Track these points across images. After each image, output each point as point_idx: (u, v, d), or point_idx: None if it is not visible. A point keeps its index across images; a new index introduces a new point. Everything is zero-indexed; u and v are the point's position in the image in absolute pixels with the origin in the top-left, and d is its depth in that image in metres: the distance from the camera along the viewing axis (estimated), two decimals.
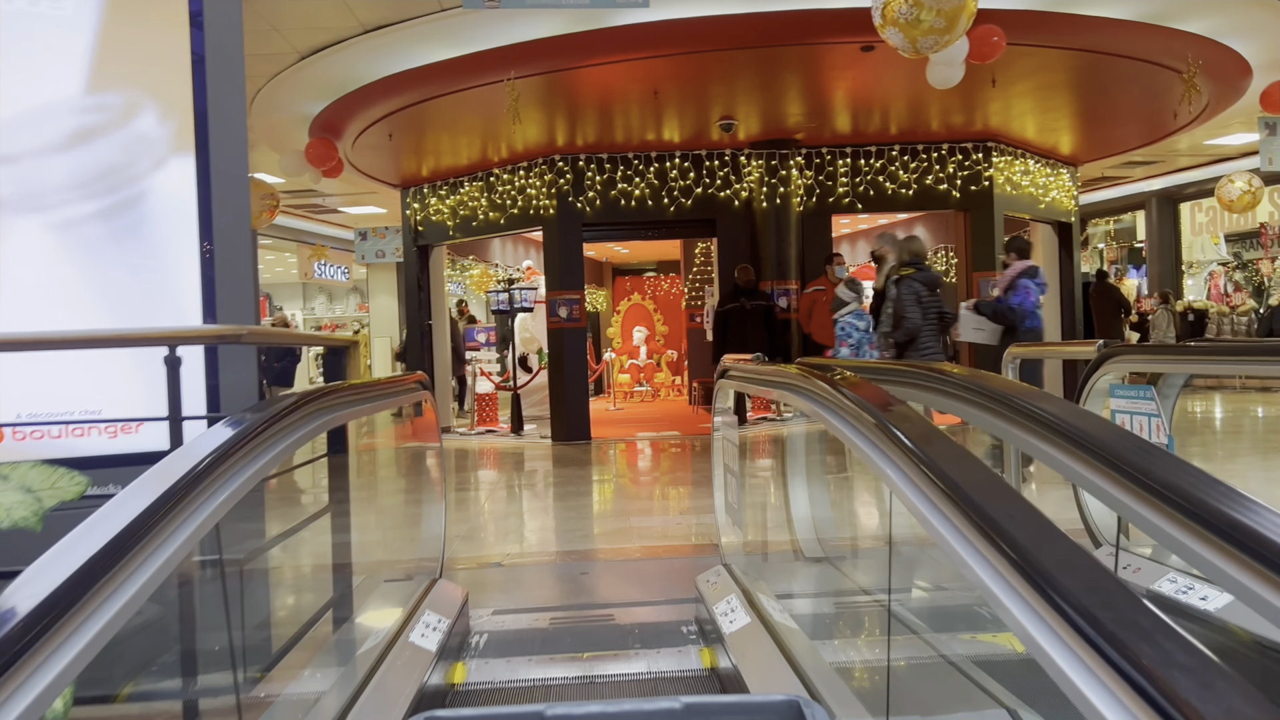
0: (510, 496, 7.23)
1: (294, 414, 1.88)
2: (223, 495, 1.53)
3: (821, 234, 10.65)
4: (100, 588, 1.16)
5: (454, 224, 11.70)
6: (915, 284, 6.26)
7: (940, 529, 1.37)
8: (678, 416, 13.26)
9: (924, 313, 6.24)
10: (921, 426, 1.70)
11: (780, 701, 1.09)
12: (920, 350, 6.28)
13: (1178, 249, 16.47)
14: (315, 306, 27.91)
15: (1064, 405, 1.83)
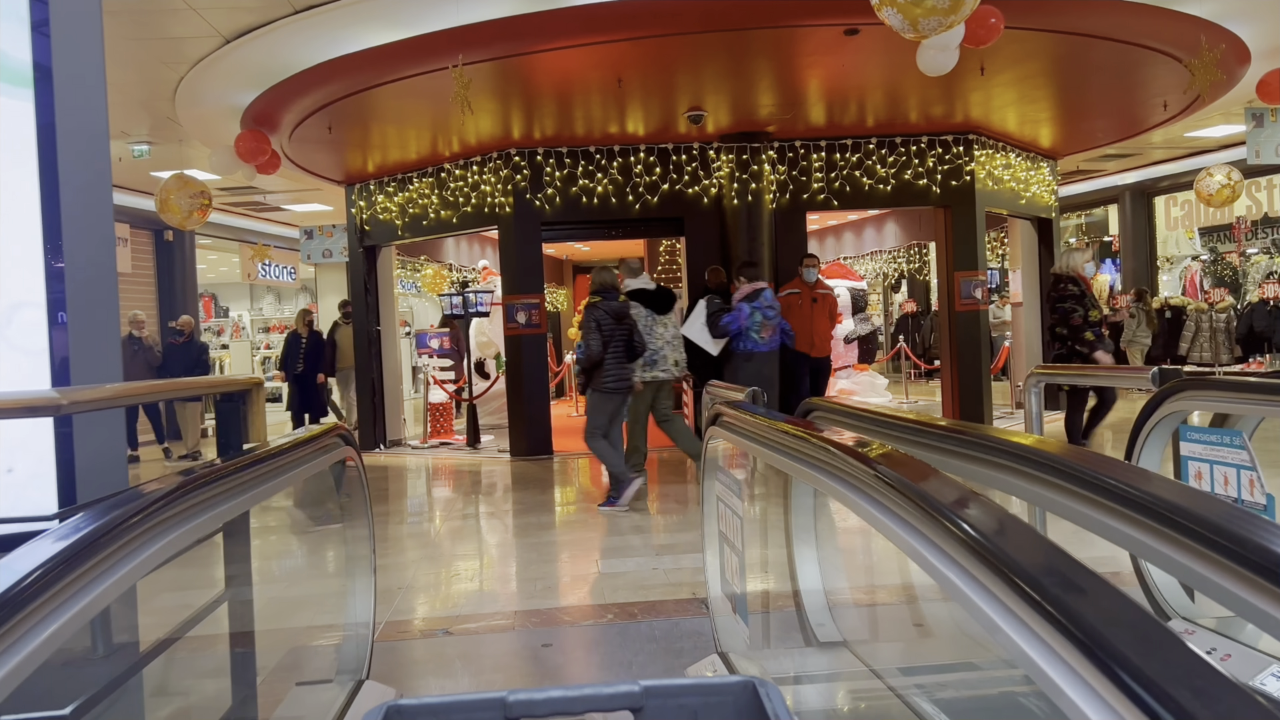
0: (463, 530, 6.52)
1: (78, 568, 1.18)
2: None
3: (795, 232, 10.03)
4: None
5: (403, 223, 10.92)
6: (599, 312, 6.47)
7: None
8: None
9: (607, 342, 6.42)
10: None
11: (736, 682, 1.12)
12: (607, 377, 6.48)
13: (1152, 244, 16.11)
14: (263, 307, 26.88)
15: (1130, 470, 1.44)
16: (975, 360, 10.19)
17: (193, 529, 1.64)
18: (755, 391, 3.21)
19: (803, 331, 9.07)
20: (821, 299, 9.12)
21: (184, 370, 10.61)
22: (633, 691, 1.11)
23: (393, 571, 5.10)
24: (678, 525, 6.08)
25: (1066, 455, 1.67)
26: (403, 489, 8.38)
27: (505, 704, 1.10)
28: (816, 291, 9.13)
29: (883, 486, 1.54)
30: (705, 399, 4.06)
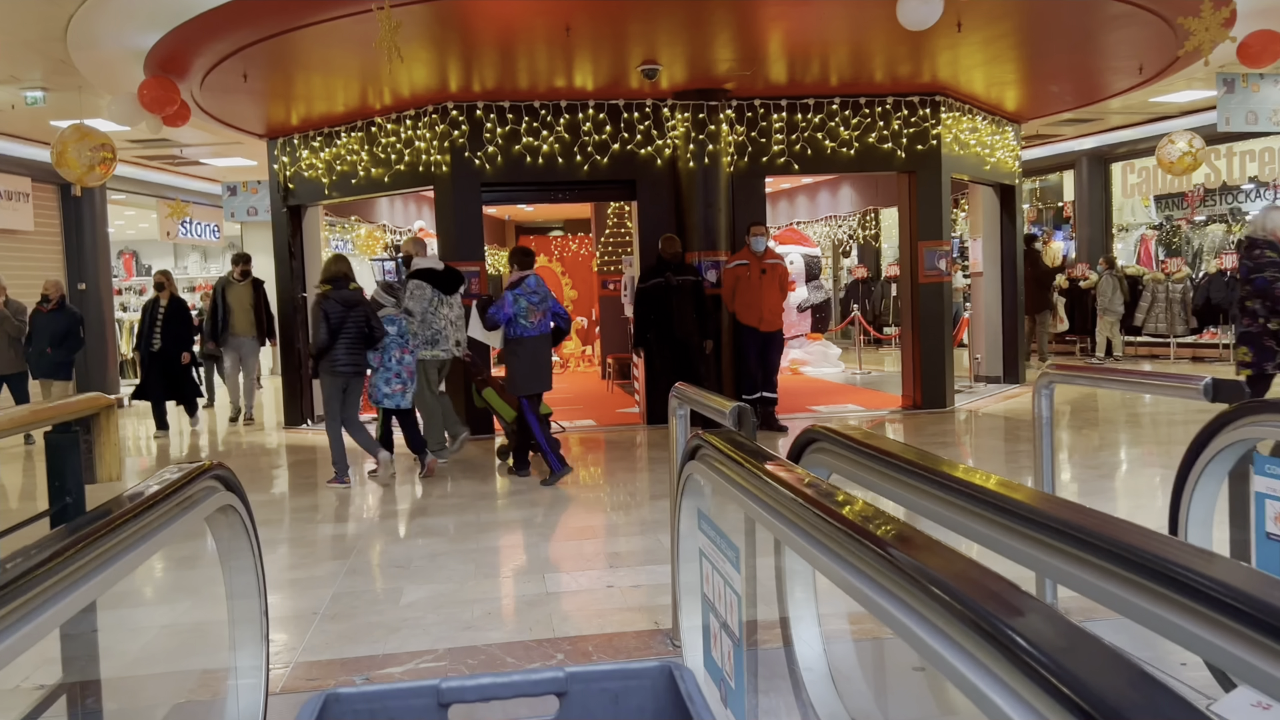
0: (386, 536, 5.88)
1: None
2: None
3: (754, 198, 9.43)
4: None
5: (330, 181, 10.08)
6: (328, 302, 6.72)
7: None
8: (592, 397, 11.99)
9: (335, 330, 6.65)
10: None
11: (654, 666, 1.21)
12: (335, 363, 6.70)
13: (1108, 211, 15.85)
14: (188, 265, 25.59)
15: None
16: (938, 335, 9.74)
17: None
18: (742, 410, 2.62)
19: (751, 305, 8.53)
20: (771, 270, 8.56)
21: (53, 342, 9.53)
22: (557, 677, 1.18)
23: (308, 589, 4.46)
24: (631, 526, 5.52)
25: (1132, 540, 1.24)
26: (327, 476, 7.69)
27: (439, 690, 1.17)
28: (765, 262, 8.57)
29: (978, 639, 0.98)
30: (674, 404, 3.46)
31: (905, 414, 9.59)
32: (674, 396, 3.46)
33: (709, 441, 2.29)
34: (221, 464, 2.21)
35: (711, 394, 3.05)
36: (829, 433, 2.43)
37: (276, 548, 5.31)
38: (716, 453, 2.21)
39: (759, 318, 8.51)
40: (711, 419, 3.07)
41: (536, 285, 6.75)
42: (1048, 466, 3.72)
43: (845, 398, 10.89)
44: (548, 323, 6.79)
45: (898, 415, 9.57)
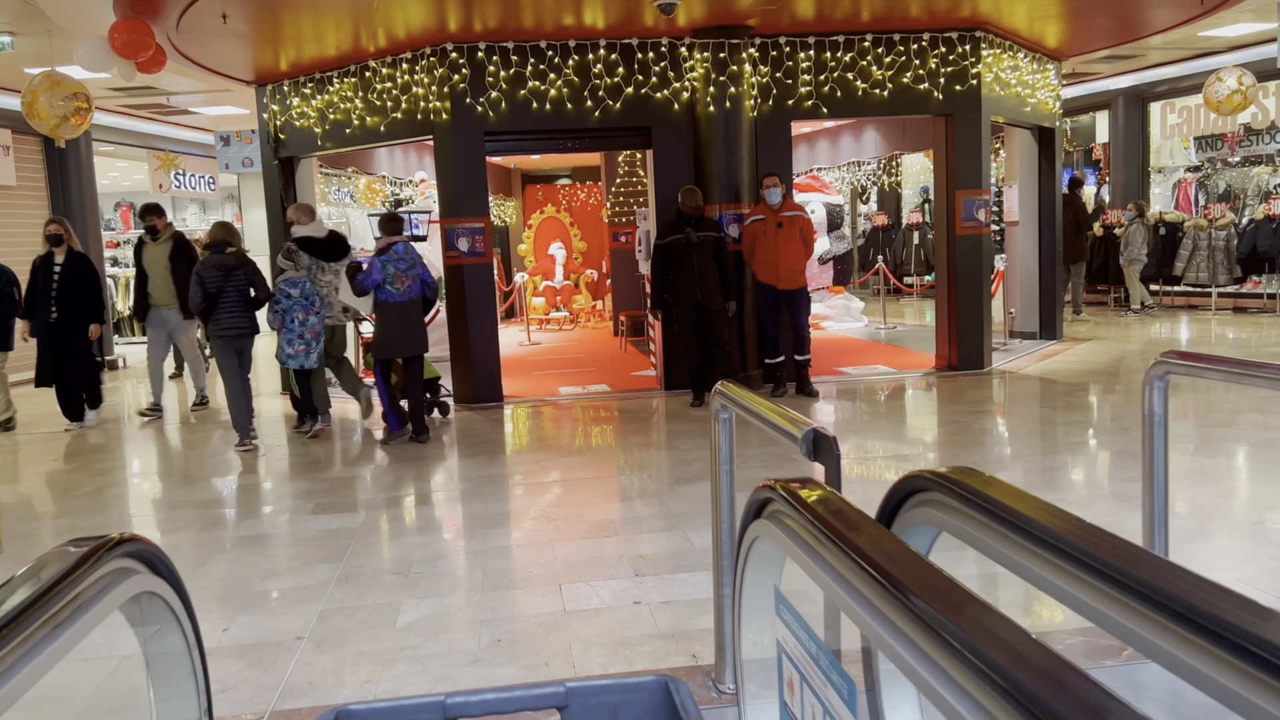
0: (387, 529, 5.36)
1: None
2: None
3: (779, 144, 8.73)
4: None
5: (322, 131, 9.40)
6: (205, 267, 6.98)
7: None
8: (604, 357, 11.41)
9: (214, 295, 6.89)
10: None
11: (650, 681, 1.30)
12: (220, 327, 6.96)
13: (1145, 154, 15.04)
14: (187, 218, 24.92)
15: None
16: (976, 291, 9.09)
17: None
18: (820, 438, 2.03)
19: (768, 261, 7.91)
20: (789, 223, 7.91)
21: None
22: (558, 691, 1.22)
23: (294, 604, 3.93)
24: (656, 520, 4.98)
25: None
26: (320, 456, 7.15)
27: (444, 706, 1.18)
28: (782, 215, 7.92)
29: None
30: (716, 405, 2.88)
31: (940, 376, 8.98)
32: (719, 396, 2.87)
33: (785, 497, 1.69)
34: (136, 537, 1.64)
35: (773, 405, 2.45)
36: (939, 481, 1.82)
37: (262, 547, 4.77)
38: (800, 518, 1.61)
39: (776, 275, 7.89)
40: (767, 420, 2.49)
41: (404, 252, 6.92)
42: (1160, 478, 3.12)
43: (874, 357, 10.28)
44: (416, 289, 6.95)
45: (932, 377, 8.97)
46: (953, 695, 1.00)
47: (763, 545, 1.81)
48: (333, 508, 5.42)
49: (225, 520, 5.31)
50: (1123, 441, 6.16)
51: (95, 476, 6.56)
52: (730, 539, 2.93)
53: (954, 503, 1.82)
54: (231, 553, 4.68)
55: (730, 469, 2.94)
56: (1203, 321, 12.40)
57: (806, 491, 1.70)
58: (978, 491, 1.74)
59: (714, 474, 2.96)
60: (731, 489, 2.95)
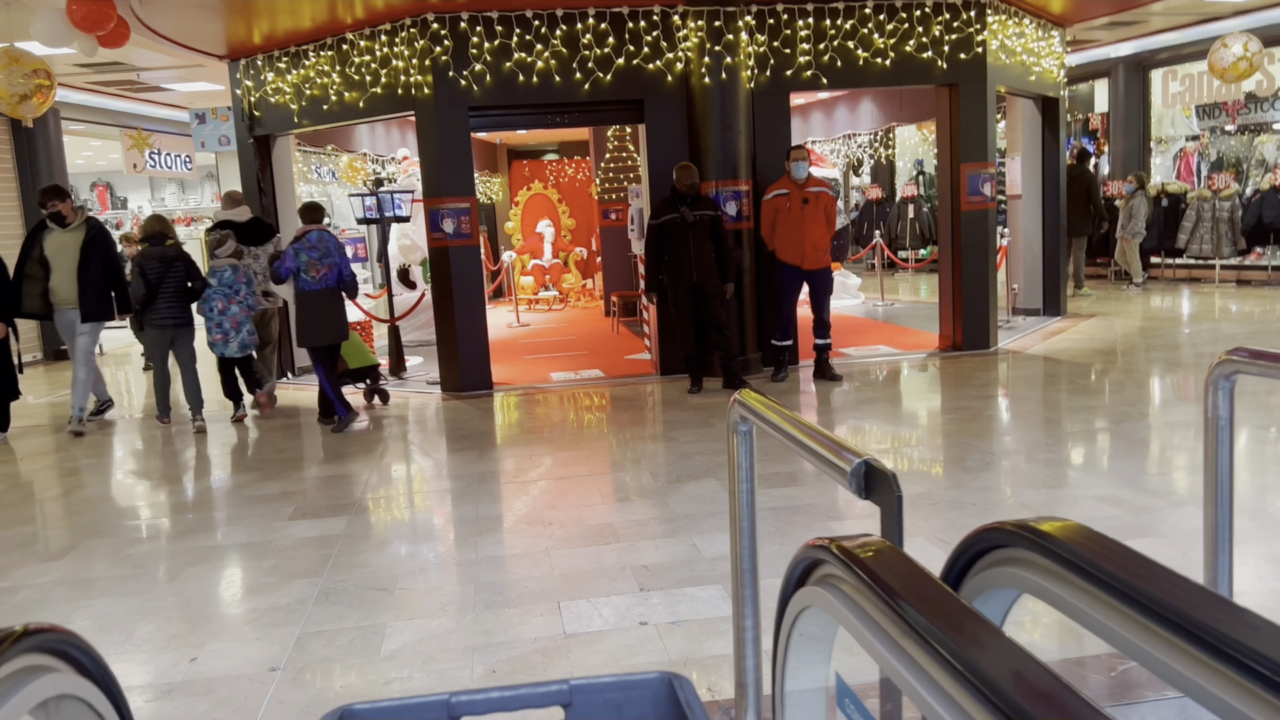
0: (366, 539, 5.05)
1: None
2: None
3: (778, 118, 8.36)
4: None
5: (299, 107, 8.98)
6: (146, 259, 7.22)
7: None
8: (596, 340, 11.07)
9: (155, 285, 7.15)
10: None
11: (654, 677, 1.27)
12: (157, 317, 7.22)
13: (1146, 123, 14.70)
14: (165, 198, 24.41)
15: None
16: (982, 269, 8.78)
17: None
18: (874, 473, 1.70)
19: (792, 240, 7.55)
20: (815, 199, 7.57)
21: None
22: (562, 689, 1.20)
23: (270, 628, 3.61)
24: (659, 524, 4.68)
25: None
26: (291, 452, 6.82)
27: (449, 704, 1.17)
28: (808, 190, 7.57)
29: None
30: (734, 417, 2.55)
31: (945, 357, 8.68)
32: (737, 406, 2.54)
33: (843, 561, 1.37)
34: (49, 627, 1.31)
35: (810, 425, 2.12)
36: (1023, 534, 1.50)
37: (236, 558, 4.45)
38: (861, 587, 1.29)
39: (801, 255, 7.54)
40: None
41: (318, 241, 6.92)
42: (1225, 491, 2.81)
43: (875, 336, 9.97)
44: (333, 277, 6.95)
45: (938, 359, 8.67)
46: None
47: (813, 619, 1.49)
48: (313, 512, 5.09)
49: (196, 528, 4.98)
50: (1142, 430, 5.88)
51: (60, 479, 6.21)
52: (750, 566, 2.61)
53: (1044, 562, 1.50)
54: (203, 566, 4.35)
55: (750, 488, 2.62)
56: (1206, 295, 12.13)
57: (871, 552, 1.38)
58: (1080, 554, 1.42)
59: (732, 493, 2.64)
60: (752, 511, 2.63)
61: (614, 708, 1.24)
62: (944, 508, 4.46)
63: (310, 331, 6.96)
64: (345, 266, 7.05)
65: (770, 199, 7.60)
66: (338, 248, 7.00)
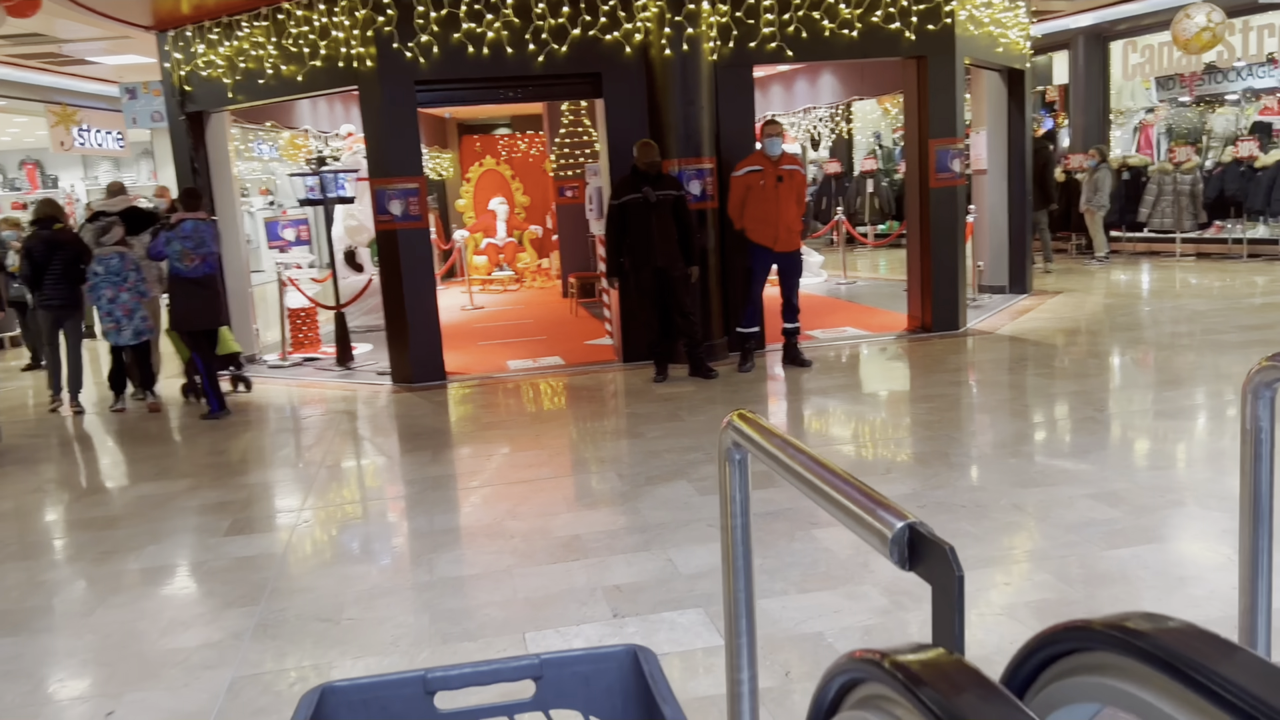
0: (310, 556, 4.66)
1: None
2: None
3: (741, 92, 8.00)
4: None
5: (234, 82, 8.43)
6: (33, 241, 7.42)
7: None
8: (554, 323, 10.68)
9: (40, 267, 7.31)
10: None
11: (620, 650, 1.31)
12: (45, 299, 7.41)
13: (1105, 96, 14.57)
14: (99, 176, 23.37)
15: None
16: (951, 247, 8.53)
17: None
18: (919, 539, 1.38)
19: (765, 220, 7.21)
20: (789, 177, 7.24)
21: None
22: (533, 663, 1.25)
23: (198, 670, 3.23)
24: (630, 534, 4.35)
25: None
26: (222, 453, 6.39)
27: (425, 680, 1.25)
28: (782, 168, 7.23)
29: None
30: (727, 440, 2.20)
31: (914, 339, 8.44)
32: (731, 430, 2.19)
33: (896, 677, 1.02)
34: None
35: (839, 479, 1.78)
36: (1105, 631, 1.17)
37: (165, 584, 4.03)
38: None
39: (774, 236, 7.20)
40: None
41: (191, 231, 6.94)
42: (1265, 506, 2.53)
43: (840, 317, 9.70)
44: (209, 265, 7.03)
45: (906, 340, 8.42)
46: None
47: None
48: (249, 526, 4.68)
49: (121, 547, 4.54)
50: (1126, 418, 5.66)
51: None
52: (746, 611, 2.28)
53: (1130, 662, 1.17)
54: (127, 594, 3.93)
55: (745, 524, 2.27)
56: (1168, 269, 12.05)
57: (936, 670, 1.04)
58: (1193, 661, 1.09)
59: (724, 529, 2.30)
60: (747, 550, 2.29)
61: (582, 679, 1.28)
62: (934, 511, 4.18)
63: (186, 317, 7.04)
64: (211, 262, 7.10)
65: (741, 175, 7.24)
66: (213, 237, 7.12)
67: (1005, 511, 4.14)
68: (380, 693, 1.24)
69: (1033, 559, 3.65)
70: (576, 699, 1.31)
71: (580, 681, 1.30)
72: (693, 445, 5.47)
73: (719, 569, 3.73)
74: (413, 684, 1.25)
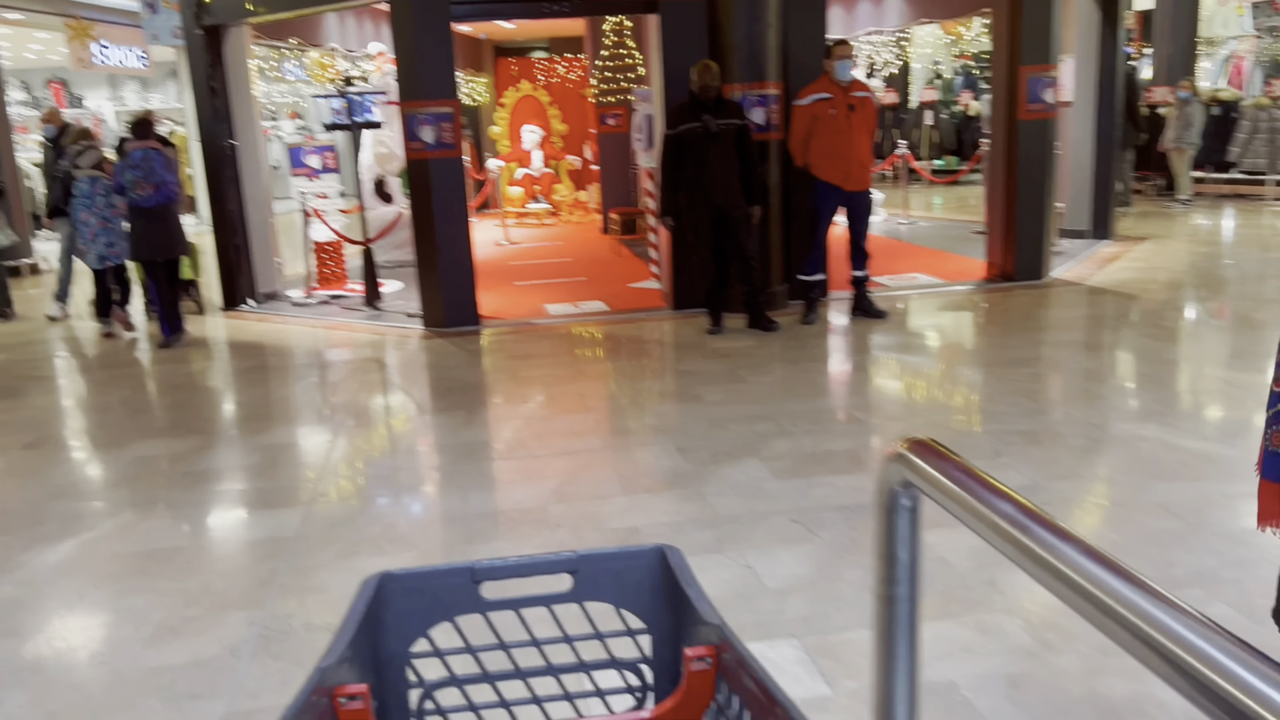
0: (330, 539, 4.09)
1: None
2: None
3: (814, 8, 7.15)
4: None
5: None
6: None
7: None
8: (595, 262, 9.99)
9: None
10: None
11: (649, 549, 1.36)
12: None
13: (1194, 22, 13.39)
14: (125, 96, 22.75)
15: None
16: (1040, 188, 7.67)
17: None
18: None
19: (835, 154, 6.43)
20: (861, 106, 6.44)
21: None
22: (571, 558, 1.34)
23: (185, 699, 2.67)
24: (702, 529, 3.73)
25: None
26: (223, 399, 5.83)
27: (473, 570, 1.32)
28: (853, 95, 6.43)
29: None
30: (891, 477, 1.53)
31: (995, 288, 7.67)
32: (898, 463, 1.52)
33: None
34: None
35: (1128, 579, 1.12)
36: None
37: (160, 572, 3.46)
38: None
39: (845, 173, 6.42)
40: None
41: (140, 160, 6.89)
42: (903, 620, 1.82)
43: (908, 262, 8.91)
44: (164, 194, 6.97)
45: (986, 290, 7.65)
46: None
47: None
48: (263, 499, 4.10)
49: (102, 519, 3.98)
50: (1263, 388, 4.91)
51: None
52: (909, 713, 1.64)
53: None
54: (115, 585, 3.37)
55: (913, 592, 1.62)
56: (1256, 214, 11.07)
57: None
58: None
59: (884, 597, 1.64)
60: (913, 627, 1.64)
61: (614, 574, 1.36)
62: (1065, 508, 3.50)
63: (146, 246, 7.03)
64: (169, 190, 6.99)
65: (807, 104, 6.44)
66: (164, 165, 6.99)
67: (1150, 514, 3.45)
68: (433, 581, 1.33)
69: (1201, 581, 2.98)
70: (609, 592, 1.37)
71: (612, 577, 1.37)
72: (760, 413, 4.80)
73: (812, 583, 3.09)
74: (461, 574, 1.34)
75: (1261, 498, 1.58)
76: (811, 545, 3.34)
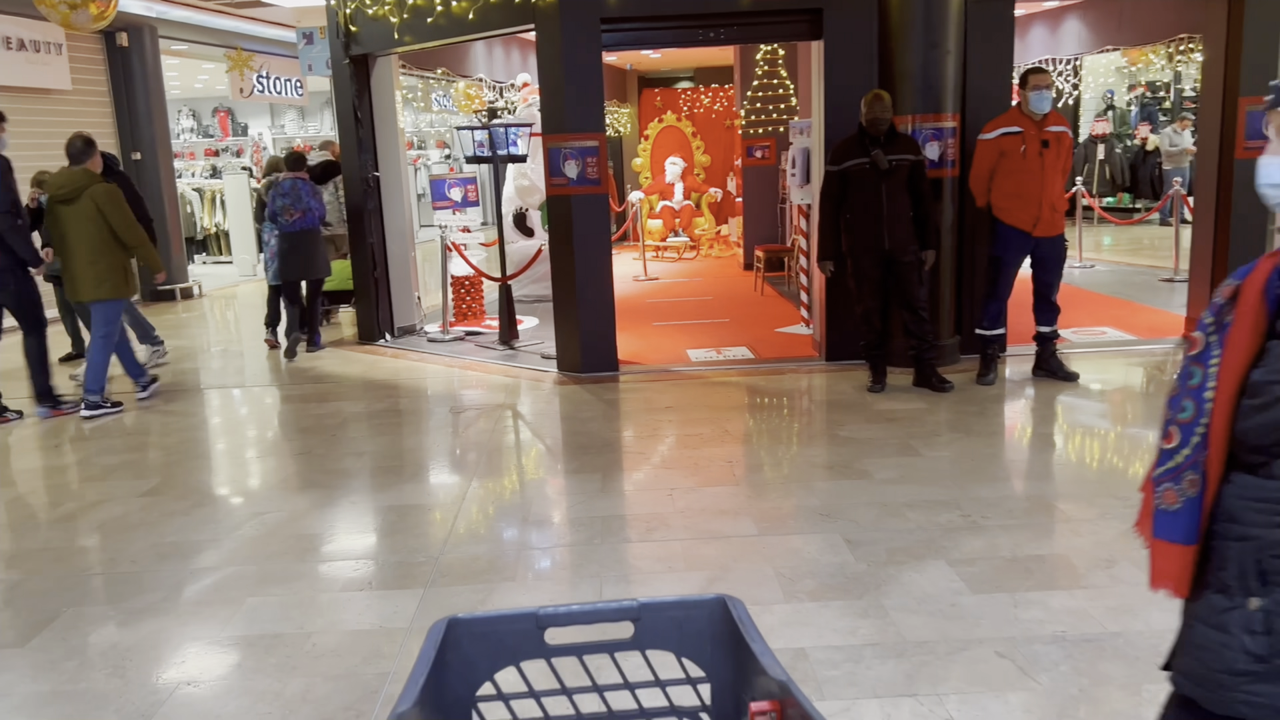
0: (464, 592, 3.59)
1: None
2: None
3: (999, 32, 6.43)
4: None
5: (400, 21, 7.51)
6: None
7: None
8: (737, 302, 9.43)
9: None
10: None
11: (711, 599, 1.37)
12: None
13: None
14: (285, 124, 23.62)
15: None
16: (1259, 233, 6.70)
17: None
18: None
19: (1026, 195, 5.68)
20: (1056, 141, 5.69)
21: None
22: (633, 606, 1.35)
23: None
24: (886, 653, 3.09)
25: None
26: (352, 463, 5.49)
27: (537, 617, 1.34)
28: (1048, 130, 5.68)
29: None
30: None
31: None
32: None
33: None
34: None
35: None
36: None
37: (245, 668, 3.06)
38: None
39: (1034, 217, 5.66)
40: None
41: (289, 189, 7.62)
42: None
43: (1092, 314, 7.98)
44: (309, 219, 7.68)
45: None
46: None
47: None
48: (380, 576, 3.69)
49: (225, 593, 3.65)
50: None
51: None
52: None
53: None
54: (216, 680, 2.99)
55: None
56: None
57: None
58: None
59: None
60: None
61: (675, 623, 1.37)
62: None
63: (291, 268, 7.69)
64: (312, 217, 7.69)
65: (993, 139, 5.72)
66: (310, 193, 7.69)
67: None
68: (498, 626, 1.36)
69: None
70: (670, 641, 1.38)
71: (674, 625, 1.37)
72: (942, 498, 4.13)
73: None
74: (526, 620, 1.34)
75: (1155, 558, 1.49)
76: (1028, 693, 2.67)
